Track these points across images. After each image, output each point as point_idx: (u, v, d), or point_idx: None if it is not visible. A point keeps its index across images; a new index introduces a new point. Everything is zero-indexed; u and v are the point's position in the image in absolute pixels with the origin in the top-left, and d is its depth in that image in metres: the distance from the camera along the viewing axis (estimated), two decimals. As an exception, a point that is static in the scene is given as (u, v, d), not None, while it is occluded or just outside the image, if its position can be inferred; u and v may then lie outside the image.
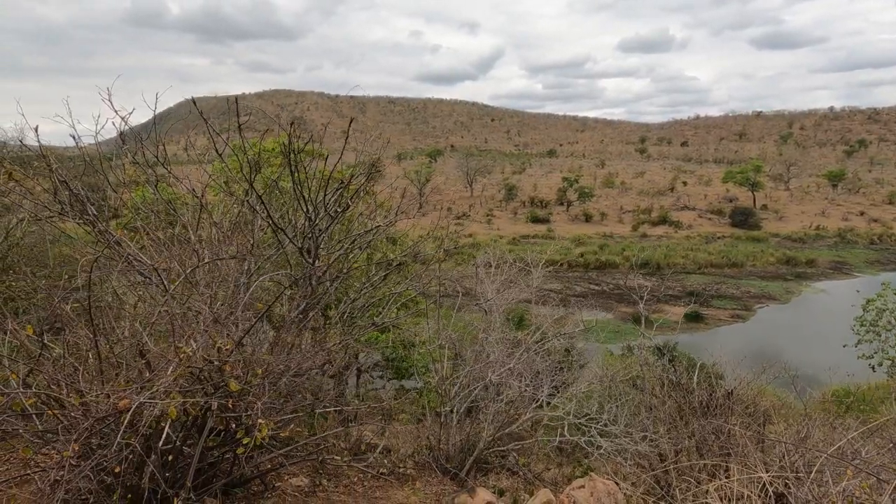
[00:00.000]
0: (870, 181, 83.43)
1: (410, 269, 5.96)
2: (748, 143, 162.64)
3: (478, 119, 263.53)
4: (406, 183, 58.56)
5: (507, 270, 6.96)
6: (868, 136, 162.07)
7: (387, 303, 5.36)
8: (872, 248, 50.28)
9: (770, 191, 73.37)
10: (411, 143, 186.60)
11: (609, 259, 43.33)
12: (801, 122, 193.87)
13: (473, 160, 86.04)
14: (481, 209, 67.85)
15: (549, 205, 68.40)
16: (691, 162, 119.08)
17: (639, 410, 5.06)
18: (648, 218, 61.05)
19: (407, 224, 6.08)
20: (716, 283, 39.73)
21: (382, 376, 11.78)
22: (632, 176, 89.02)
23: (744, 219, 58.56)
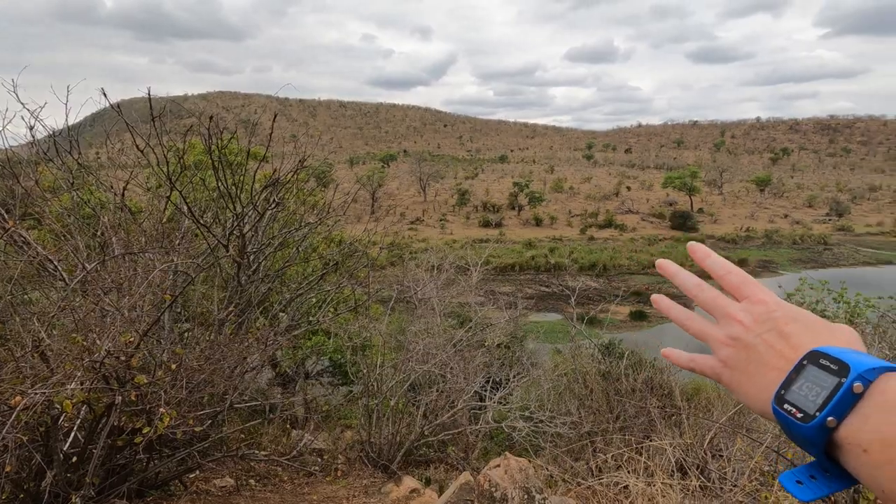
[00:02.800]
0: (792, 186, 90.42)
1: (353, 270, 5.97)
2: (685, 151, 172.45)
3: (431, 124, 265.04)
4: (358, 187, 58.04)
5: (448, 271, 7.10)
6: (790, 145, 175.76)
7: (325, 303, 5.34)
8: (794, 248, 54.44)
9: (705, 195, 78.04)
10: (364, 148, 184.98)
11: (559, 261, 44.64)
12: (732, 132, 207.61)
13: (427, 165, 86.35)
14: (435, 214, 68.19)
15: (502, 209, 69.68)
16: (634, 168, 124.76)
17: (571, 399, 5.31)
18: (595, 221, 63.40)
19: (357, 228, 6.09)
20: (658, 283, 41.79)
21: (330, 382, 11.64)
22: (580, 181, 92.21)
23: (682, 221, 61.95)
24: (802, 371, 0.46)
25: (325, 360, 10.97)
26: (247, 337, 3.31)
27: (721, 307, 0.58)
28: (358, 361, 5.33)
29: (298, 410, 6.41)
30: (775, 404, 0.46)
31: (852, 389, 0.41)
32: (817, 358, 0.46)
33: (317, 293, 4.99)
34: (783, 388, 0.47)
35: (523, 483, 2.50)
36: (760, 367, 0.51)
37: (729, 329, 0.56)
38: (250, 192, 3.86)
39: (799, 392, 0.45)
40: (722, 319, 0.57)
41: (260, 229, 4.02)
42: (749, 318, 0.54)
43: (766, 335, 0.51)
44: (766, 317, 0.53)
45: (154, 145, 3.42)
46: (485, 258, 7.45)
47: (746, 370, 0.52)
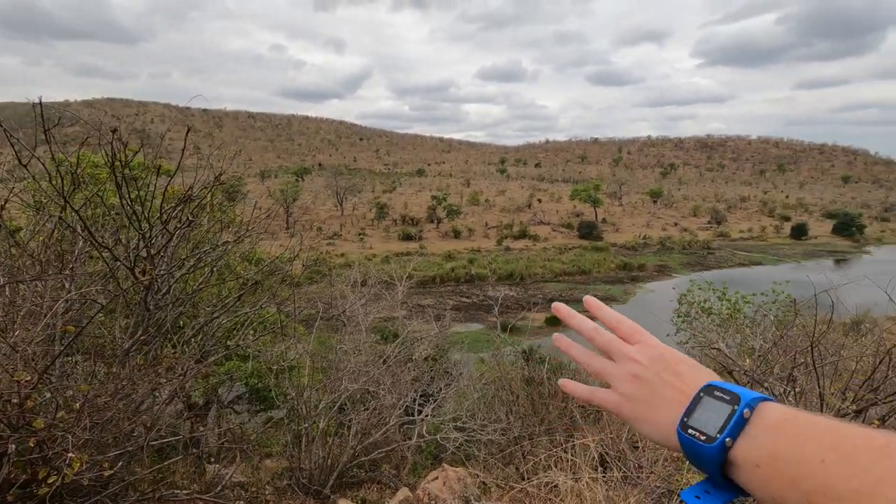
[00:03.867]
0: (679, 197, 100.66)
1: (273, 290, 5.69)
2: (589, 165, 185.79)
3: (346, 138, 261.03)
4: (271, 202, 55.54)
5: (373, 286, 7.02)
6: (676, 161, 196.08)
7: (243, 326, 5.04)
8: (684, 253, 60.52)
9: (608, 206, 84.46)
10: (276, 161, 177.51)
11: (478, 272, 45.78)
12: (628, 148, 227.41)
13: (343, 179, 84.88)
14: (353, 228, 67.06)
15: (421, 222, 70.22)
16: (544, 181, 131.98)
17: (499, 406, 5.46)
18: (510, 232, 66.00)
19: (273, 245, 5.81)
20: (570, 290, 44.34)
21: (248, 410, 10.90)
22: (495, 194, 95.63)
23: (589, 231, 66.46)
24: (700, 401, 0.56)
25: (240, 385, 10.28)
26: (157, 367, 3.03)
27: (619, 348, 0.68)
28: (282, 385, 5.08)
29: (213, 442, 5.95)
30: (680, 430, 0.55)
31: (743, 415, 0.51)
32: (712, 390, 0.56)
33: (234, 315, 4.70)
34: (686, 416, 0.56)
35: (462, 492, 2.54)
36: (661, 400, 0.60)
37: (628, 367, 0.65)
38: (159, 210, 3.57)
39: (700, 419, 0.54)
40: (620, 359, 0.66)
41: (170, 249, 3.73)
42: (645, 358, 0.64)
43: (662, 374, 0.61)
44: (659, 358, 0.63)
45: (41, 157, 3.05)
46: (409, 272, 7.47)
47: (649, 403, 0.61)
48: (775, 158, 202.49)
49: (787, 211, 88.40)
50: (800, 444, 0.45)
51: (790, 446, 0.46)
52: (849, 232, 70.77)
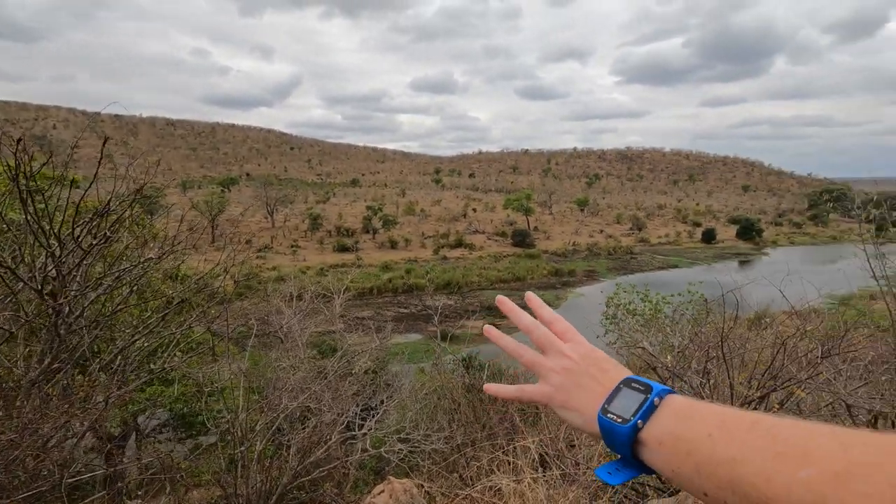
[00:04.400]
0: (604, 206, 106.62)
1: (202, 308, 5.36)
2: (520, 175, 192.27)
3: (276, 147, 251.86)
4: (194, 214, 52.33)
5: (310, 300, 6.83)
6: (600, 171, 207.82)
7: (168, 348, 4.71)
8: (610, 258, 64.09)
9: (539, 215, 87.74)
10: (199, 171, 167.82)
11: (415, 282, 45.74)
12: (556, 159, 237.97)
13: (273, 189, 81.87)
14: (285, 240, 64.72)
15: (356, 233, 69.15)
16: (478, 191, 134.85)
17: (442, 415, 5.50)
18: (447, 242, 66.66)
19: (200, 261, 5.48)
20: (506, 296, 45.37)
21: (172, 438, 10.12)
22: (430, 204, 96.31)
23: (522, 239, 68.61)
24: (620, 391, 0.67)
25: (164, 412, 9.54)
26: (70, 398, 2.75)
27: (553, 343, 0.77)
28: (214, 408, 4.81)
29: (135, 475, 5.48)
30: (601, 414, 0.66)
31: (654, 402, 0.62)
32: (630, 382, 0.67)
33: (158, 337, 4.39)
34: (607, 403, 0.66)
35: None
36: (587, 391, 0.70)
37: (560, 361, 0.74)
38: (71, 226, 3.28)
39: (618, 405, 0.65)
40: (553, 354, 0.76)
41: (83, 268, 3.41)
42: (576, 355, 0.74)
43: (590, 369, 0.72)
44: (588, 355, 0.73)
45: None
46: (346, 284, 7.34)
47: (577, 393, 0.71)
48: (686, 169, 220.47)
49: (697, 217, 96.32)
50: (694, 424, 0.57)
51: (687, 426, 0.57)
52: (750, 236, 78.32)
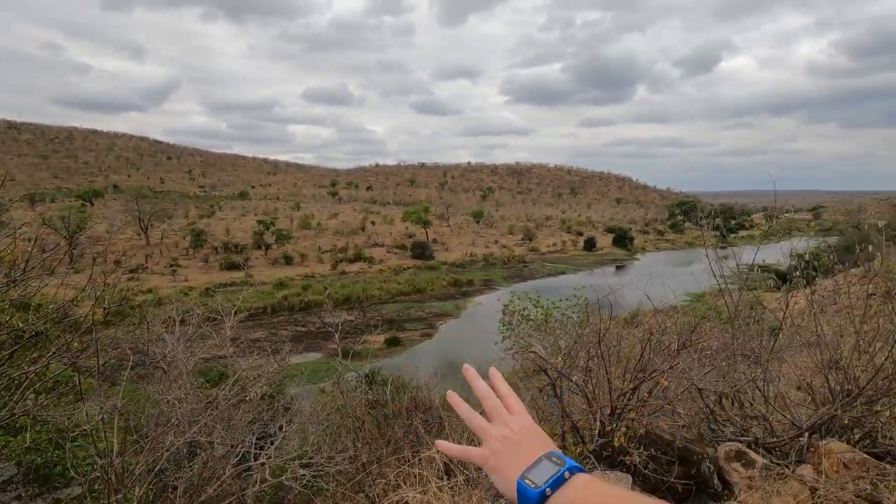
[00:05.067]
0: (497, 218, 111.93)
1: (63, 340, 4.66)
2: (418, 189, 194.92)
3: (149, 156, 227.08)
4: (48, 232, 45.32)
5: (196, 324, 6.29)
6: (493, 185, 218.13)
7: (18, 390, 4.05)
8: (505, 267, 67.37)
9: (437, 227, 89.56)
10: (52, 182, 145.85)
11: (313, 299, 44.04)
12: (452, 173, 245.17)
13: (147, 203, 73.93)
14: (163, 259, 58.62)
15: (247, 249, 64.85)
16: (376, 204, 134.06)
17: (346, 435, 5.37)
18: (345, 256, 65.22)
19: (58, 287, 4.78)
20: (406, 309, 45.56)
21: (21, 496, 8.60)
22: (327, 217, 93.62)
23: (421, 251, 69.46)
24: (540, 462, 0.81)
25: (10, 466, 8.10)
26: None
27: (501, 415, 0.93)
28: (79, 454, 4.24)
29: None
30: (520, 479, 0.80)
31: (564, 475, 0.77)
32: (550, 456, 0.82)
33: (5, 378, 3.74)
34: (527, 471, 0.80)
35: (314, 530, 2.46)
36: (517, 458, 0.84)
37: (502, 430, 0.88)
38: None
39: (535, 473, 0.79)
40: (498, 423, 0.92)
41: None
42: (517, 427, 0.88)
43: (524, 441, 0.86)
44: (527, 430, 0.88)
45: None
46: (238, 304, 6.88)
47: (508, 460, 0.84)
48: (568, 183, 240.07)
49: (580, 227, 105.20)
50: (589, 496, 0.74)
51: (585, 496, 0.74)
52: (624, 243, 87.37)
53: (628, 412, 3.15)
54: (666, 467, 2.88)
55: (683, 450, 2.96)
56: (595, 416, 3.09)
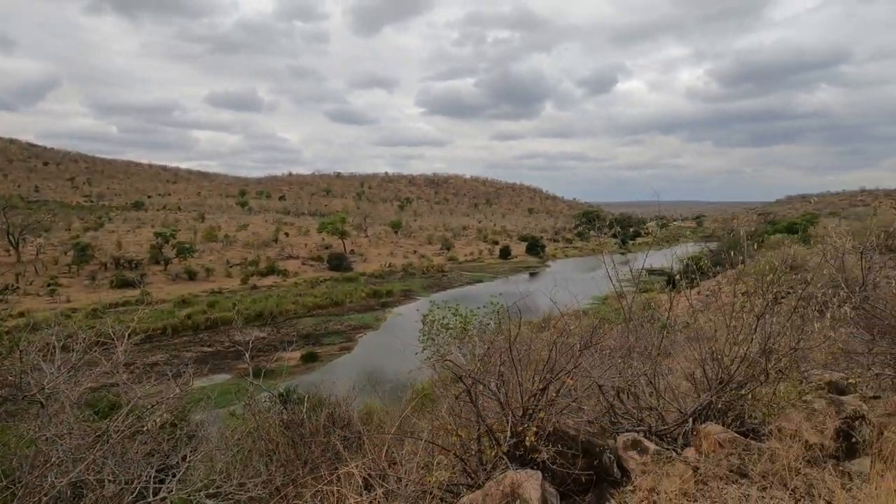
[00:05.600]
0: (416, 228, 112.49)
1: None
2: (334, 199, 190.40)
3: (21, 161, 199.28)
4: None
5: (82, 350, 5.62)
6: (410, 195, 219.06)
7: None
8: (424, 277, 67.75)
9: (355, 238, 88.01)
10: None
11: (221, 316, 41.18)
12: (369, 183, 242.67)
13: (18, 214, 65.02)
14: (39, 278, 51.70)
15: (142, 264, 59.17)
16: (290, 214, 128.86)
17: (258, 458, 5.10)
18: (257, 269, 61.82)
19: None
20: (324, 323, 44.12)
21: None
22: (235, 229, 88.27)
23: (339, 263, 67.78)
24: None
25: None
26: None
27: None
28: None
29: None
30: None
31: None
32: None
33: None
34: None
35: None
36: None
37: None
38: None
39: None
40: None
41: None
42: None
43: None
44: None
45: None
46: (133, 325, 6.24)
47: None
48: (484, 194, 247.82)
49: (495, 236, 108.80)
50: None
51: None
52: (536, 251, 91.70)
53: (538, 412, 3.34)
54: (571, 461, 3.09)
55: (587, 443, 3.20)
56: (507, 418, 3.25)
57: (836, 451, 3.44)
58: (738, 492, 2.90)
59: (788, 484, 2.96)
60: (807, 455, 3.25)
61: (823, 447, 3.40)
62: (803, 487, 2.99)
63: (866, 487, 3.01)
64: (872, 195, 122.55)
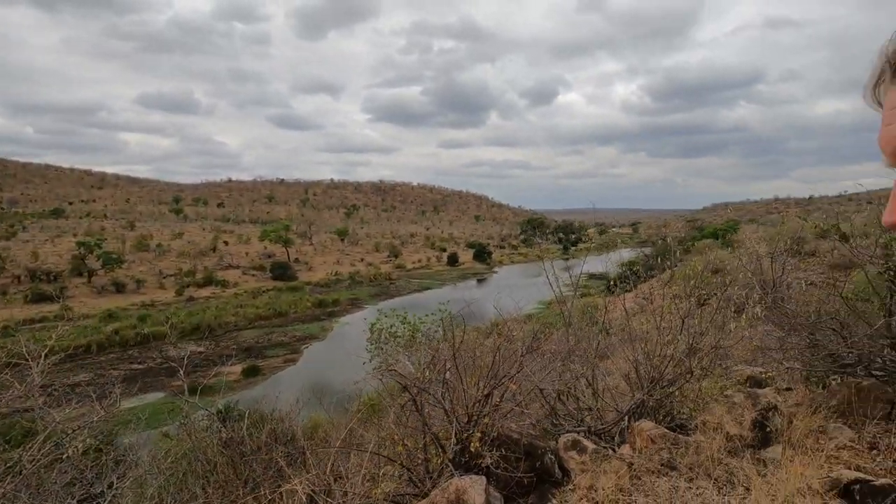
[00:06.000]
0: (363, 236, 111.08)
1: None
2: (277, 206, 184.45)
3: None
4: None
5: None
6: (357, 202, 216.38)
7: None
8: (371, 285, 66.96)
9: (299, 246, 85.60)
10: None
11: (154, 331, 38.68)
12: (314, 189, 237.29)
13: (-88, 223, 58.22)
14: (-63, 293, 46.45)
15: (63, 276, 54.56)
16: (230, 222, 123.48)
17: (192, 482, 4.84)
18: (194, 280, 58.68)
19: None
20: (267, 335, 42.48)
21: None
22: (169, 237, 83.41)
23: (282, 272, 65.61)
24: None
25: None
26: None
27: None
28: None
29: None
30: None
31: None
32: None
33: None
34: None
35: None
36: None
37: None
38: None
39: None
40: None
41: None
42: None
43: None
44: None
45: None
46: (52, 343, 5.74)
47: None
48: (431, 202, 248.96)
49: (443, 243, 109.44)
50: None
51: None
52: (483, 258, 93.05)
53: (483, 418, 3.40)
54: (514, 464, 3.18)
55: (529, 446, 3.29)
56: (452, 425, 3.29)
57: (754, 441, 3.75)
58: (667, 484, 3.09)
59: (712, 473, 3.19)
60: (728, 446, 3.52)
61: (742, 437, 3.69)
62: (725, 476, 3.23)
63: (778, 472, 3.29)
64: (784, 203, 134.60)
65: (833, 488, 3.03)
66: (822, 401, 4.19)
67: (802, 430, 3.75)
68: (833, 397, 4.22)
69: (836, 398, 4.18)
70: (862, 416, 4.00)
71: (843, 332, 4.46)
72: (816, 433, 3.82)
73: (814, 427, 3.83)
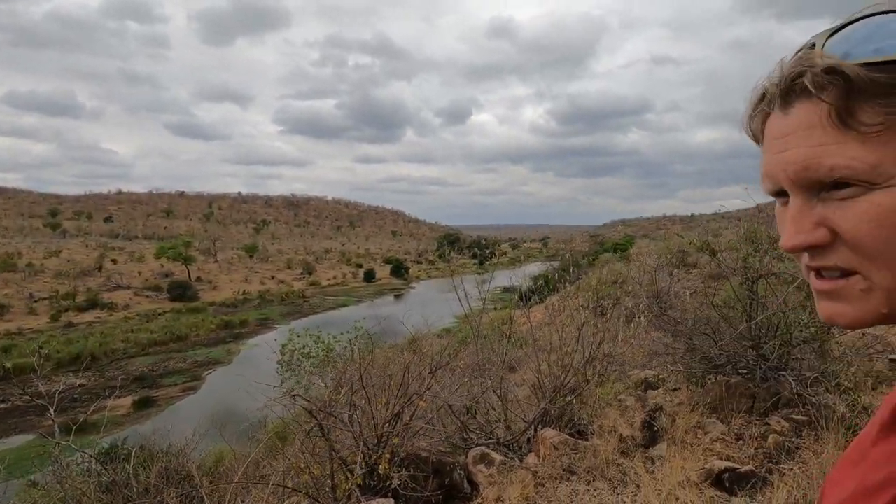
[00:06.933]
0: (274, 252, 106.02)
1: None
2: (176, 220, 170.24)
3: None
4: None
5: None
6: (268, 217, 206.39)
7: None
8: (283, 304, 63.82)
9: (202, 264, 79.56)
10: None
11: (19, 363, 33.58)
12: (219, 203, 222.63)
13: None
14: None
15: None
16: (119, 238, 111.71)
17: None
18: (74, 303, 52.09)
19: None
20: (163, 361, 38.67)
21: None
22: (43, 255, 73.52)
23: (182, 292, 60.44)
24: None
25: None
26: None
27: None
28: None
29: None
30: None
31: None
32: None
33: None
34: None
35: None
36: None
37: None
38: None
39: None
40: None
41: None
42: None
43: None
44: None
45: None
46: None
47: None
48: (347, 217, 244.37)
49: (359, 259, 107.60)
50: None
51: None
52: (400, 273, 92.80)
53: (392, 438, 3.36)
54: (423, 483, 3.17)
55: (437, 463, 3.31)
56: (359, 449, 3.21)
57: (643, 440, 4.08)
58: (568, 488, 3.25)
59: (607, 474, 3.41)
60: (621, 447, 3.79)
61: (634, 438, 4.00)
62: (619, 476, 3.48)
63: (664, 468, 3.61)
64: (671, 220, 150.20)
65: (708, 478, 3.38)
66: (700, 399, 4.68)
67: (683, 427, 4.15)
68: (708, 395, 4.74)
69: (710, 396, 4.69)
70: (731, 410, 4.52)
71: (714, 335, 5.03)
72: (695, 429, 4.25)
73: (693, 423, 4.25)
